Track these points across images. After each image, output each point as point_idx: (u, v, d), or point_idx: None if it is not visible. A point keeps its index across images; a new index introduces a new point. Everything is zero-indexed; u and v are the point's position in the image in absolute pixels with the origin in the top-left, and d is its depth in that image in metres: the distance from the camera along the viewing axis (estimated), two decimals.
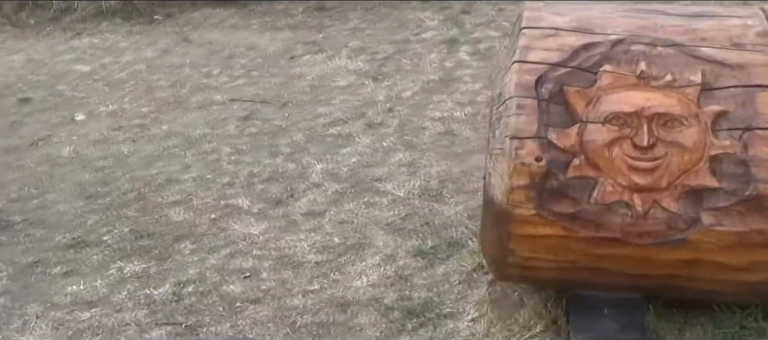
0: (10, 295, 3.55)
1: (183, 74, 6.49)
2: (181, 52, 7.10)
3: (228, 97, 5.93)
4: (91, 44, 7.39)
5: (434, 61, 6.52)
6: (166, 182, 4.59)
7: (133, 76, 6.46)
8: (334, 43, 7.14)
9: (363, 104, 5.68)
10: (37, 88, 6.26)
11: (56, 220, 4.21)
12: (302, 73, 6.41)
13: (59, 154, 5.01)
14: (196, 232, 4.03)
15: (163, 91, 6.10)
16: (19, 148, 5.13)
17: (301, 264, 3.71)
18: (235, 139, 5.17)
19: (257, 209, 4.24)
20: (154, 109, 5.73)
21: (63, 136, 5.30)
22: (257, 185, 4.51)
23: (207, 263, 3.75)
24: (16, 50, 7.28)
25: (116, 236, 4.02)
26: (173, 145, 5.08)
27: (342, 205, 4.24)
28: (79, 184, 4.61)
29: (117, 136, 5.25)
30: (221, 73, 6.49)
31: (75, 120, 5.58)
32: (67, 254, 3.88)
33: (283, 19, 7.96)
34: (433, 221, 4.04)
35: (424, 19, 7.70)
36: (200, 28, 7.84)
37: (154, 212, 4.24)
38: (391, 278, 3.58)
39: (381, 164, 4.70)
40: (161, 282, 3.60)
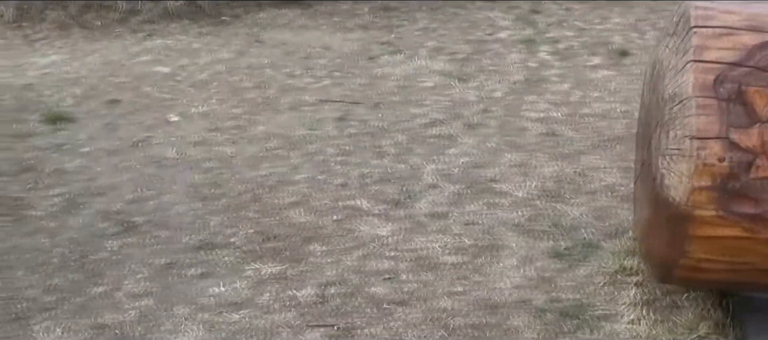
0: (154, 297, 3.54)
1: (265, 75, 6.49)
2: (256, 53, 7.10)
3: (317, 98, 5.94)
4: (164, 45, 7.39)
5: (516, 62, 6.52)
6: (278, 183, 4.58)
7: (214, 78, 6.46)
8: (409, 44, 7.15)
9: (455, 105, 5.67)
10: (122, 89, 6.26)
11: (178, 221, 4.20)
12: (385, 73, 6.41)
13: (163, 155, 5.01)
14: (322, 233, 4.02)
15: (249, 93, 6.10)
16: (122, 150, 5.13)
17: (439, 266, 3.71)
18: (336, 140, 5.16)
19: (378, 210, 4.24)
20: (246, 111, 5.73)
21: (161, 137, 5.30)
22: (371, 186, 4.50)
23: (343, 264, 3.74)
24: (90, 52, 7.28)
25: (243, 237, 4.02)
26: (276, 147, 5.08)
27: (463, 206, 4.23)
28: (191, 185, 4.60)
29: (216, 138, 5.25)
30: (303, 74, 6.49)
31: (169, 121, 5.59)
32: (198, 256, 3.87)
33: (351, 20, 7.97)
34: (561, 222, 4.03)
35: (495, 19, 7.70)
36: (269, 28, 7.85)
37: (275, 213, 4.24)
38: (535, 279, 3.58)
39: (491, 165, 4.69)
40: (302, 284, 3.60)
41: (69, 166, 4.92)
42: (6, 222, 4.25)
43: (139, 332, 3.34)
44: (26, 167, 4.92)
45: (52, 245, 4.03)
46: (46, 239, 4.09)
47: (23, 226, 4.22)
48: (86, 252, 3.95)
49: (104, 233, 4.13)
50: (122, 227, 4.18)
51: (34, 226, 4.22)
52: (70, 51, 7.35)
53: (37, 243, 4.05)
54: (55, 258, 3.90)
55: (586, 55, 6.53)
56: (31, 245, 4.04)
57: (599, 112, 5.38)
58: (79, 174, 4.83)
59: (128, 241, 4.05)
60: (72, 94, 6.19)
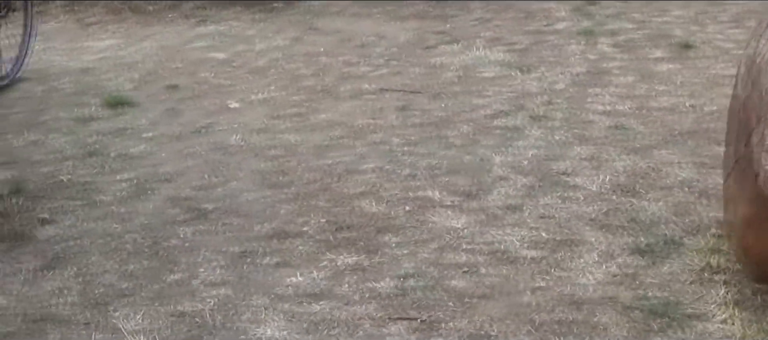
0: (231, 286, 3.51)
1: (321, 63, 6.45)
2: (311, 41, 7.06)
3: (377, 86, 5.89)
4: (218, 31, 7.37)
5: (576, 53, 6.43)
6: (345, 172, 4.54)
7: (272, 65, 6.43)
8: (466, 34, 7.08)
9: (518, 96, 5.60)
10: (180, 75, 6.24)
11: (248, 209, 4.17)
12: (443, 63, 6.34)
13: (227, 142, 4.98)
14: (395, 224, 3.97)
15: (307, 80, 6.06)
16: (185, 136, 5.10)
17: (517, 259, 3.65)
18: (400, 129, 5.11)
19: (450, 201, 4.18)
20: (306, 98, 5.69)
21: (224, 123, 5.27)
22: (440, 176, 4.45)
23: (419, 256, 3.69)
24: (144, 37, 7.27)
25: (315, 227, 3.98)
26: (340, 136, 5.04)
27: (537, 199, 4.17)
28: (258, 172, 4.57)
29: (278, 125, 5.22)
30: (360, 62, 6.44)
31: (230, 108, 5.56)
32: (272, 245, 3.84)
33: (404, 9, 7.91)
34: (639, 218, 3.96)
35: (551, 10, 7.61)
36: (322, 16, 7.81)
37: (345, 203, 4.19)
38: (618, 276, 3.51)
39: (561, 158, 4.62)
40: (380, 275, 3.55)
41: (134, 152, 4.90)
42: (77, 206, 4.24)
43: (219, 320, 3.31)
44: (91, 152, 4.91)
45: (123, 230, 4.01)
46: (118, 225, 4.07)
47: (94, 210, 4.21)
48: (159, 239, 3.92)
49: (175, 219, 4.11)
50: (193, 213, 4.16)
51: (105, 211, 4.20)
52: (125, 35, 7.35)
53: (109, 228, 4.03)
54: (128, 244, 3.88)
55: (648, 48, 6.43)
56: (103, 229, 4.02)
57: (667, 106, 5.29)
58: (145, 159, 4.81)
59: (200, 228, 4.02)
60: (130, 79, 6.18)
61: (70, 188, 4.46)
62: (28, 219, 4.11)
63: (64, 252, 3.82)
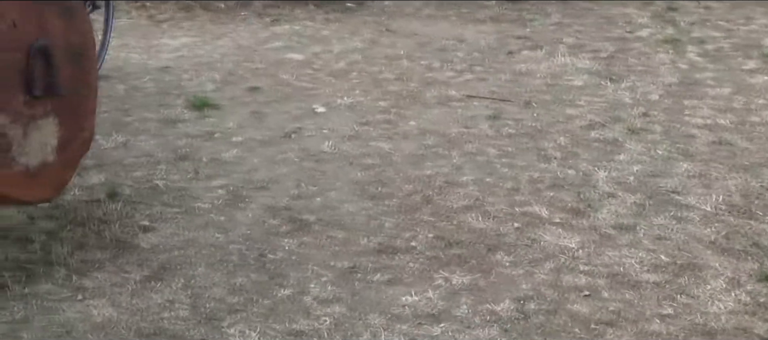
0: (344, 304, 3.41)
1: (403, 67, 6.33)
2: (388, 43, 6.94)
3: (464, 93, 5.77)
4: (292, 31, 7.27)
5: (665, 62, 6.27)
6: (445, 184, 4.43)
7: (352, 67, 6.32)
8: (547, 39, 6.93)
9: (611, 107, 5.46)
10: (260, 76, 6.15)
11: (350, 221, 4.06)
12: (529, 70, 6.21)
13: (319, 148, 4.87)
14: (505, 242, 3.85)
15: (391, 85, 5.94)
16: (275, 141, 5.01)
17: (639, 284, 3.52)
18: (494, 140, 4.98)
19: (558, 218, 4.05)
20: (393, 104, 5.57)
21: (312, 129, 5.17)
22: (544, 191, 4.32)
23: (535, 277, 3.57)
24: (219, 35, 7.19)
25: (423, 242, 3.87)
26: (434, 145, 4.92)
27: (649, 218, 4.03)
28: (354, 182, 4.46)
29: (369, 132, 5.11)
30: (443, 67, 6.32)
31: (316, 112, 5.46)
32: (381, 260, 3.73)
33: (480, 11, 7.77)
34: (761, 242, 3.80)
35: (631, 16, 7.45)
36: (397, 17, 7.69)
37: (450, 217, 4.08)
38: (749, 305, 3.37)
39: (668, 175, 4.47)
40: (497, 297, 3.43)
41: (225, 157, 4.81)
42: (175, 213, 4.16)
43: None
44: (182, 156, 4.83)
45: (226, 241, 3.92)
46: (220, 235, 3.98)
47: (193, 218, 4.12)
48: (263, 250, 3.83)
49: (277, 230, 4.01)
50: (294, 225, 4.06)
51: (204, 219, 4.11)
52: (199, 33, 7.27)
53: (212, 238, 3.94)
54: (233, 255, 3.79)
55: (740, 58, 6.26)
56: (206, 239, 3.93)
57: None
58: (237, 165, 4.72)
59: (304, 240, 3.92)
60: (211, 79, 6.10)
61: (166, 193, 4.37)
62: (129, 226, 4.03)
63: (170, 262, 3.73)
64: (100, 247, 3.85)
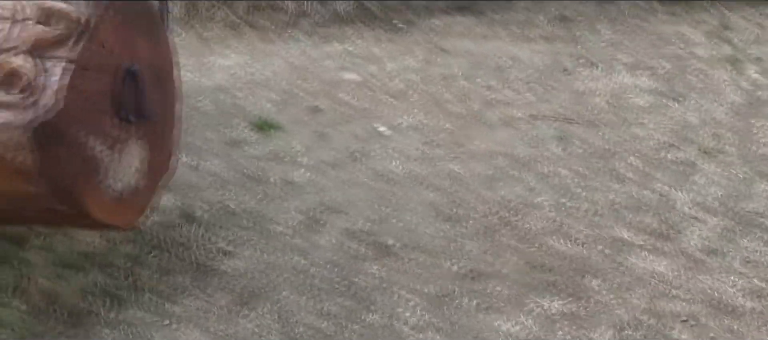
0: (439, 331, 3.36)
1: (462, 87, 6.27)
2: (443, 63, 6.89)
3: (527, 113, 5.72)
4: (344, 50, 7.22)
5: (726, 81, 6.19)
6: (522, 206, 4.37)
7: (410, 87, 6.27)
8: (602, 57, 6.85)
9: (680, 127, 5.39)
10: (318, 96, 6.10)
11: (432, 245, 4.01)
12: (588, 89, 6.14)
13: (389, 170, 4.83)
14: (594, 266, 3.80)
15: (452, 105, 5.89)
16: (343, 163, 4.97)
17: (738, 310, 3.46)
18: (565, 160, 4.93)
19: (643, 242, 4.00)
20: (457, 125, 5.52)
21: (379, 150, 5.13)
22: (624, 214, 4.26)
23: (631, 303, 3.51)
24: (269, 54, 7.15)
25: (509, 266, 3.82)
26: (504, 166, 4.86)
27: (737, 242, 3.98)
28: (429, 204, 4.41)
29: (436, 153, 5.06)
30: (502, 87, 6.26)
31: (380, 133, 5.42)
32: (470, 285, 3.68)
33: (530, 30, 7.70)
34: None
35: (685, 34, 7.35)
36: (447, 37, 7.62)
37: (531, 240, 4.03)
38: None
39: (749, 197, 4.41)
40: (595, 324, 3.38)
41: (295, 179, 4.76)
42: (253, 237, 4.11)
43: None
44: (251, 177, 4.79)
45: (309, 265, 3.87)
46: (301, 259, 3.93)
47: (272, 242, 4.08)
48: (348, 275, 3.78)
49: (359, 254, 3.96)
50: (376, 249, 4.01)
51: (284, 243, 4.07)
52: (249, 52, 7.23)
53: (294, 262, 3.90)
54: (317, 280, 3.75)
55: None
56: (288, 264, 3.89)
57: None
58: (308, 187, 4.68)
59: (388, 265, 3.87)
60: (268, 99, 6.06)
61: (241, 216, 4.33)
62: (209, 250, 3.98)
63: (255, 287, 3.69)
64: (184, 272, 3.81)
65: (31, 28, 3.18)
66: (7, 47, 3.16)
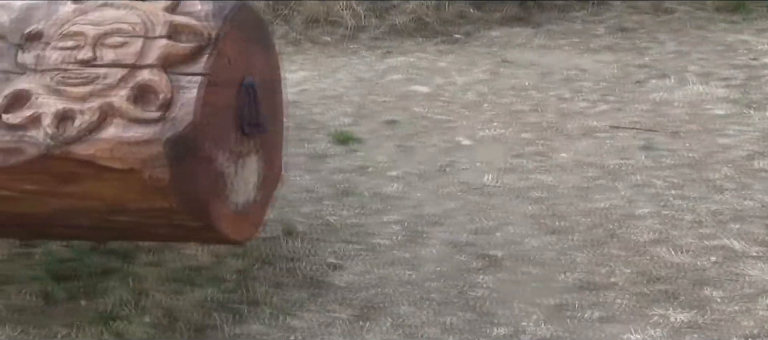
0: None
1: (534, 98, 6.25)
2: (509, 74, 6.87)
3: (605, 123, 5.68)
4: (408, 63, 7.22)
5: None
6: (623, 217, 4.33)
7: (482, 99, 6.26)
8: (671, 68, 6.82)
9: (764, 136, 5.35)
10: (392, 109, 6.09)
11: (540, 257, 3.98)
12: (664, 99, 6.11)
13: (480, 182, 4.80)
14: (709, 277, 3.75)
15: (528, 116, 5.87)
16: (431, 175, 4.94)
17: None
18: (656, 171, 4.88)
19: (755, 252, 3.95)
20: (537, 136, 5.49)
21: (465, 162, 5.10)
22: (729, 224, 4.21)
23: (756, 314, 3.46)
24: (335, 68, 7.16)
25: (623, 278, 3.77)
26: (595, 176, 4.83)
27: None
28: (528, 216, 4.38)
29: (524, 165, 5.03)
30: (574, 98, 6.24)
31: (462, 145, 5.40)
32: (587, 297, 3.64)
33: (592, 41, 7.68)
34: None
35: (750, 43, 7.31)
36: (509, 48, 7.62)
37: (640, 251, 3.99)
38: None
39: None
40: (724, 335, 3.33)
41: (387, 191, 4.74)
42: (359, 251, 4.09)
43: None
44: (343, 191, 4.77)
45: (421, 278, 3.85)
46: (411, 272, 3.90)
47: (379, 256, 4.05)
48: (462, 288, 3.75)
49: (468, 267, 3.93)
50: (484, 261, 3.98)
51: (390, 256, 4.04)
52: (315, 67, 7.24)
53: (404, 276, 3.87)
54: (433, 293, 3.72)
55: None
56: (399, 277, 3.86)
57: None
58: (402, 200, 4.65)
59: (499, 277, 3.84)
60: (343, 113, 6.06)
61: (341, 230, 4.32)
62: (317, 264, 3.97)
63: (372, 301, 3.66)
64: (296, 286, 3.79)
65: (162, 43, 3.19)
66: (141, 64, 3.17)
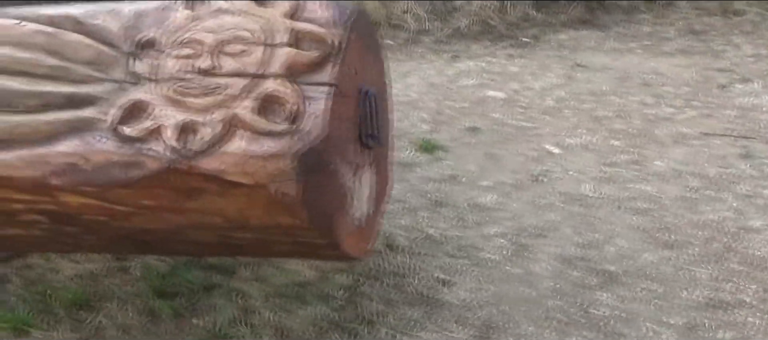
0: None
1: (615, 103, 6.06)
2: (585, 79, 6.69)
3: (696, 130, 5.50)
4: (478, 68, 7.05)
5: None
6: (739, 230, 4.14)
7: (561, 104, 6.08)
8: (753, 71, 6.58)
9: None
10: (470, 115, 5.92)
11: (658, 272, 3.80)
12: (753, 104, 5.90)
13: (579, 192, 4.62)
14: None
15: (613, 123, 5.68)
16: (526, 185, 4.77)
17: None
18: (763, 180, 4.69)
19: None
20: (627, 144, 5.31)
21: (558, 171, 4.93)
22: None
23: None
24: (404, 73, 6.98)
25: (752, 295, 3.59)
26: (699, 187, 4.64)
27: None
28: (637, 228, 4.20)
29: (621, 174, 4.85)
30: (657, 103, 6.05)
31: (552, 153, 5.23)
32: (717, 316, 3.46)
33: (665, 44, 7.47)
34: None
35: None
36: (579, 51, 7.43)
37: (762, 266, 3.81)
38: None
39: None
40: None
41: (484, 202, 4.57)
42: (466, 265, 3.93)
43: None
44: (437, 202, 4.60)
45: (537, 295, 3.67)
46: (526, 288, 3.73)
47: (488, 271, 3.88)
48: (583, 305, 3.58)
49: (585, 283, 3.76)
50: (600, 277, 3.81)
51: (501, 272, 3.87)
52: None
53: (520, 292, 3.70)
54: (554, 312, 3.54)
55: None
56: (515, 294, 3.69)
57: None
58: (500, 212, 4.48)
59: (619, 294, 3.67)
60: (421, 120, 5.89)
61: (443, 243, 4.15)
62: (426, 279, 3.81)
63: (491, 321, 3.49)
64: (408, 303, 3.63)
65: (285, 51, 3.03)
66: (264, 73, 3.01)
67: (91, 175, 3.00)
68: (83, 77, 3.16)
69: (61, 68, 3.20)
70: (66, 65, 3.20)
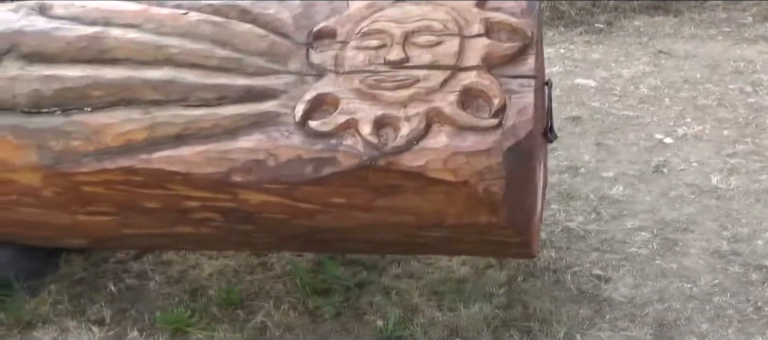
0: None
1: (712, 91, 5.94)
2: (673, 66, 6.57)
3: None
4: (558, 54, 6.93)
5: None
6: None
7: (658, 92, 5.95)
8: None
9: None
10: (566, 104, 5.76)
11: None
12: None
13: (709, 184, 4.51)
14: None
15: (719, 112, 5.54)
16: (648, 176, 4.65)
17: None
18: None
19: None
20: (741, 134, 5.17)
21: (676, 161, 4.82)
22: None
23: None
24: None
25: None
26: None
27: None
28: None
29: (745, 165, 4.72)
30: (758, 91, 5.92)
31: (664, 143, 5.12)
32: None
33: (745, 30, 7.35)
34: None
35: None
36: (657, 38, 7.31)
37: None
38: None
39: None
40: None
41: (613, 194, 4.44)
42: (616, 260, 3.77)
43: None
44: (565, 194, 4.45)
45: (703, 293, 3.53)
46: (686, 284, 3.60)
47: (642, 266, 3.72)
48: (755, 303, 3.48)
49: (747, 279, 3.64)
50: (761, 272, 3.69)
51: (655, 268, 3.72)
52: None
53: (684, 289, 3.55)
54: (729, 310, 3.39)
55: None
56: (678, 291, 3.55)
57: None
58: (631, 204, 4.35)
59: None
60: None
61: (586, 238, 4.02)
62: (583, 275, 3.66)
63: (664, 319, 3.35)
64: (573, 300, 3.52)
65: (483, 42, 2.91)
66: (463, 65, 2.90)
67: (278, 172, 2.88)
68: (258, 69, 3.03)
69: (233, 60, 3.07)
70: (238, 57, 3.07)
